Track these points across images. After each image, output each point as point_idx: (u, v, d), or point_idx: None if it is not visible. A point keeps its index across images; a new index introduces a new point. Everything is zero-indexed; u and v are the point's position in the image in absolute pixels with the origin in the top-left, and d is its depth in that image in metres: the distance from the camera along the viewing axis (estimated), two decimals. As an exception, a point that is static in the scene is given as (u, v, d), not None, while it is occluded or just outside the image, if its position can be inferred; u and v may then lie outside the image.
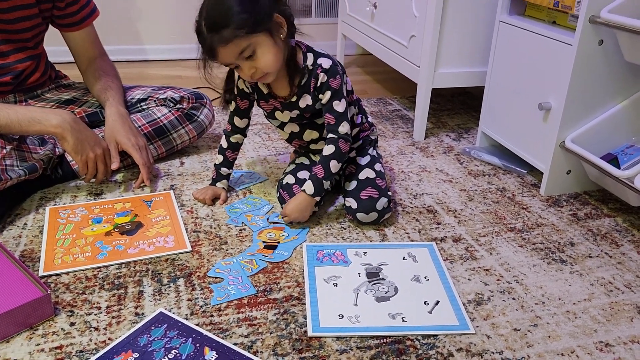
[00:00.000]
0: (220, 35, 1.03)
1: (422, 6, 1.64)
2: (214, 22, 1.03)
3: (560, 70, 1.29)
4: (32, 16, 1.33)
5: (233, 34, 1.02)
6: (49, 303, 0.92)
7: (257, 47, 1.06)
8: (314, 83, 1.16)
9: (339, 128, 1.17)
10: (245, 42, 1.04)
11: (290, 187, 1.25)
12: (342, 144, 1.17)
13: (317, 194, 1.18)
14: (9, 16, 1.28)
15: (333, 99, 1.16)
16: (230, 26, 1.02)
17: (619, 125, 1.32)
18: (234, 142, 1.31)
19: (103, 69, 1.47)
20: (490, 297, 1.02)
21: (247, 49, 1.05)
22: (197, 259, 1.10)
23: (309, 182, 1.18)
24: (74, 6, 1.39)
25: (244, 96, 1.26)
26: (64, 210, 1.25)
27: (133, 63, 2.56)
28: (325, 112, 1.17)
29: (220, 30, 1.02)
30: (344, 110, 1.17)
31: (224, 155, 1.31)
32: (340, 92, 1.16)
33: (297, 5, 2.70)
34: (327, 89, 1.15)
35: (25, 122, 1.19)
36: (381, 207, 1.20)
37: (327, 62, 1.15)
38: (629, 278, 1.08)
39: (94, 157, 1.28)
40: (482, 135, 1.67)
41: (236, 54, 1.06)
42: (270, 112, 1.26)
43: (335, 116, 1.16)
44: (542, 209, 1.34)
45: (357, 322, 0.94)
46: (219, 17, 1.02)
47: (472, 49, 1.66)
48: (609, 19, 1.15)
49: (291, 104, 1.20)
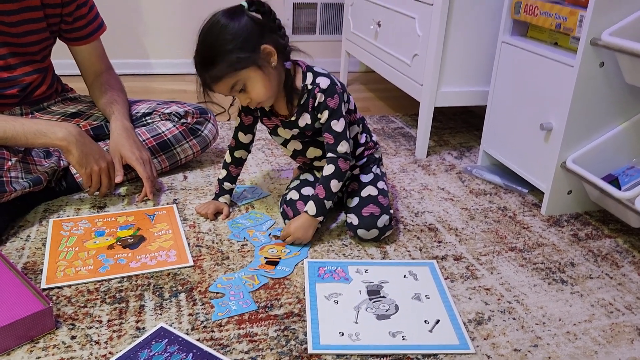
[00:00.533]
0: (210, 74, 1.08)
1: (425, 26, 1.66)
2: (203, 60, 1.09)
3: (561, 91, 1.31)
4: (40, 30, 1.35)
5: (221, 72, 1.07)
6: (51, 316, 0.92)
7: (246, 81, 1.09)
8: (312, 103, 1.17)
9: (337, 147, 1.17)
10: (234, 79, 1.08)
11: (294, 203, 1.26)
12: (342, 163, 1.18)
13: (319, 214, 1.18)
14: (17, 30, 1.30)
15: (331, 118, 1.17)
16: (218, 65, 1.06)
17: (620, 146, 1.33)
18: (237, 157, 1.32)
19: (109, 82, 1.49)
20: (490, 316, 1.02)
21: (237, 84, 1.10)
22: (199, 273, 1.10)
23: (311, 203, 1.18)
24: (81, 21, 1.42)
25: (248, 112, 1.28)
26: (67, 223, 1.25)
27: (138, 77, 2.58)
28: (324, 132, 1.18)
29: (209, 68, 1.08)
30: (343, 130, 1.17)
31: (228, 170, 1.33)
32: (338, 112, 1.17)
33: (302, 22, 2.73)
34: (325, 108, 1.16)
35: (31, 135, 1.21)
36: (382, 224, 1.20)
37: (325, 82, 1.17)
38: (630, 299, 1.09)
39: (98, 170, 1.29)
40: (483, 154, 1.68)
41: (228, 89, 1.10)
42: (273, 129, 1.28)
43: (334, 135, 1.17)
44: (543, 229, 1.34)
45: (358, 339, 0.94)
46: (207, 55, 1.08)
47: (474, 69, 1.68)
48: (609, 41, 1.17)
49: (291, 123, 1.22)
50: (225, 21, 1.07)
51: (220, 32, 1.06)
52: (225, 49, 1.05)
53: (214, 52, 1.06)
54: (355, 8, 2.27)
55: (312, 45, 2.76)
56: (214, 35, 1.07)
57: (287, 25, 1.21)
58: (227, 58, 1.06)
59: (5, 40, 1.29)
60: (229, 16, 1.07)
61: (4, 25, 1.27)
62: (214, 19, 1.08)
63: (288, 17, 2.67)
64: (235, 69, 1.07)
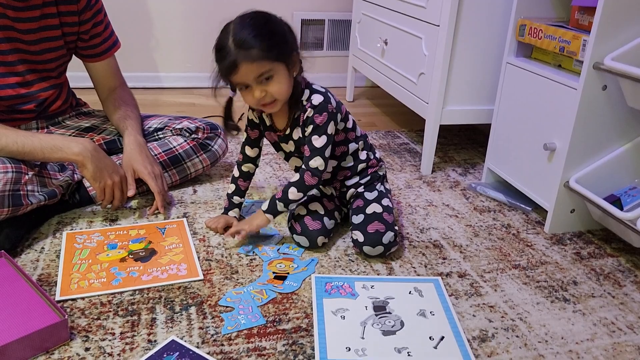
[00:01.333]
0: (248, 52, 1.09)
1: (432, 45, 1.70)
2: (244, 40, 1.09)
3: (565, 112, 1.34)
4: (58, 48, 1.38)
5: (261, 54, 1.09)
6: (66, 328, 0.95)
7: (275, 73, 1.13)
8: (302, 117, 1.22)
9: (310, 161, 1.21)
10: (268, 65, 1.11)
11: (302, 218, 1.28)
12: (308, 176, 1.21)
13: (269, 211, 1.24)
14: (35, 48, 1.34)
15: (313, 133, 1.21)
16: (259, 47, 1.09)
17: (623, 167, 1.36)
18: (245, 171, 1.36)
19: (123, 98, 1.53)
20: (494, 334, 1.04)
21: (267, 72, 1.12)
22: (209, 287, 1.13)
23: (266, 201, 1.26)
24: (97, 38, 1.46)
25: (253, 126, 1.32)
26: (81, 236, 1.28)
27: (148, 90, 2.62)
28: (306, 144, 1.22)
29: (249, 48, 1.09)
30: (321, 147, 1.20)
31: (236, 184, 1.36)
32: (322, 129, 1.20)
33: (310, 38, 2.77)
34: (311, 123, 1.21)
35: (47, 150, 1.24)
36: (387, 240, 1.23)
37: (318, 99, 1.20)
38: (632, 319, 1.10)
39: (112, 185, 1.32)
40: (488, 172, 1.71)
41: (256, 75, 1.12)
42: (274, 144, 1.34)
43: (311, 149, 1.21)
44: (546, 247, 1.36)
45: (364, 355, 0.96)
46: (250, 37, 1.09)
47: (479, 88, 1.71)
48: (612, 66, 1.20)
49: (286, 137, 1.28)
50: (271, 15, 1.14)
51: (269, 21, 1.12)
52: (270, 37, 1.10)
53: (259, 36, 1.09)
54: (363, 25, 2.31)
55: (319, 61, 2.81)
56: (262, 20, 1.12)
57: None
58: (271, 44, 1.10)
59: (24, 57, 1.33)
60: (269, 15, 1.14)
61: (23, 43, 1.31)
62: (257, 12, 1.13)
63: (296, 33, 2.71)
64: (273, 58, 1.11)
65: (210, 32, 1.15)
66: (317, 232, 1.26)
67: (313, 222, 1.27)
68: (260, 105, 1.18)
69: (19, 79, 1.33)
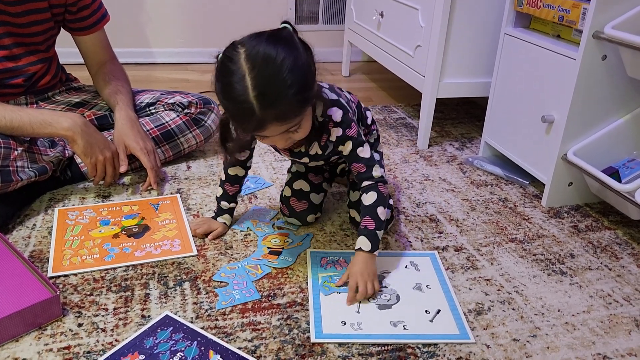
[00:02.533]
0: (277, 112, 0.89)
1: (428, 17, 1.66)
2: (270, 99, 0.88)
3: (563, 83, 1.31)
4: (45, 20, 1.35)
5: (293, 112, 0.91)
6: (58, 304, 0.94)
7: (303, 120, 0.96)
8: (326, 138, 1.07)
9: (372, 173, 1.08)
10: (299, 119, 0.94)
11: (288, 200, 1.24)
12: (382, 187, 1.08)
13: (374, 248, 1.05)
14: (22, 20, 1.30)
15: (355, 147, 1.07)
16: (289, 106, 0.90)
17: (621, 139, 1.34)
18: (232, 174, 1.19)
19: (113, 72, 1.50)
20: (490, 307, 1.03)
21: (297, 124, 0.95)
22: (203, 263, 1.12)
23: (362, 239, 1.05)
24: (85, 11, 1.42)
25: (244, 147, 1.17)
26: (73, 212, 1.27)
27: (141, 66, 2.58)
28: (352, 162, 1.09)
29: (277, 106, 0.89)
30: (371, 155, 1.09)
31: (223, 188, 1.21)
32: (358, 138, 1.07)
33: (305, 11, 2.72)
34: (347, 139, 1.06)
35: (37, 125, 1.22)
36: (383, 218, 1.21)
37: (338, 114, 1.05)
38: (628, 291, 1.10)
39: (103, 160, 1.30)
40: (485, 145, 1.69)
41: (286, 129, 0.94)
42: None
43: (365, 163, 1.08)
44: (543, 220, 1.35)
45: (360, 329, 0.95)
46: (275, 93, 0.88)
47: (477, 60, 1.68)
48: (612, 35, 1.17)
49: (300, 153, 1.12)
50: (287, 53, 0.88)
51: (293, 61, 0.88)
52: (298, 87, 0.89)
53: (285, 89, 0.88)
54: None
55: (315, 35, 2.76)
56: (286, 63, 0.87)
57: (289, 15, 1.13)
58: (301, 98, 0.90)
59: (10, 30, 1.30)
60: (286, 44, 0.90)
61: (8, 15, 1.27)
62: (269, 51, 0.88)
63: (290, 7, 2.66)
64: (304, 108, 0.94)
65: (203, 7, 1.10)
66: (305, 212, 1.23)
67: (299, 202, 1.23)
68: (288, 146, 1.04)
69: (5, 52, 1.30)
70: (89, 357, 0.87)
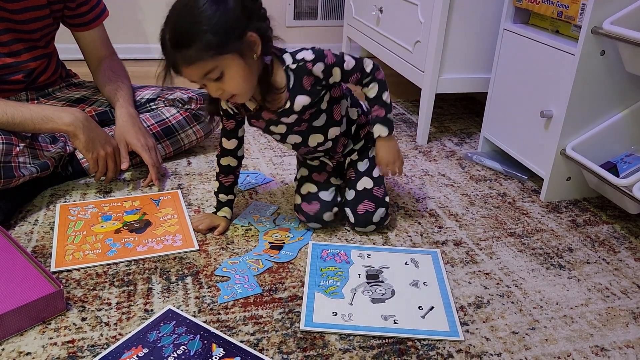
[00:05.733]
0: (183, 55, 0.92)
1: (427, 12, 1.67)
2: (178, 39, 0.92)
3: (562, 79, 1.32)
4: (44, 17, 1.35)
5: (198, 55, 0.92)
6: (62, 298, 0.95)
7: (225, 69, 0.95)
8: (311, 80, 1.07)
9: (364, 68, 1.11)
10: (211, 65, 0.94)
11: (301, 207, 1.23)
12: (379, 75, 1.13)
13: (391, 130, 1.14)
14: (20, 17, 1.30)
15: (342, 67, 1.09)
16: (195, 46, 0.91)
17: (619, 134, 1.35)
18: (224, 165, 1.19)
19: (113, 68, 1.50)
20: (489, 300, 1.04)
21: (214, 71, 0.95)
22: (205, 257, 1.13)
23: (378, 127, 1.14)
24: (84, 6, 1.42)
25: (229, 116, 1.15)
26: (74, 208, 1.27)
27: (139, 62, 2.58)
28: (346, 78, 1.11)
29: (183, 49, 0.92)
30: (355, 59, 1.11)
31: (219, 180, 1.21)
32: (339, 55, 1.08)
33: (304, 7, 2.72)
34: (331, 67, 1.07)
35: (38, 120, 1.22)
36: (378, 218, 1.21)
37: (308, 53, 1.06)
38: (626, 284, 1.11)
39: (105, 155, 1.31)
40: (484, 141, 1.70)
41: (201, 75, 0.96)
42: (265, 129, 1.16)
43: (354, 67, 1.10)
44: (542, 215, 1.36)
45: (350, 320, 0.96)
46: (184, 33, 0.92)
47: (476, 56, 1.69)
48: (610, 30, 1.18)
49: (286, 111, 1.10)
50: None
51: (205, 7, 0.91)
52: (208, 29, 0.91)
53: (193, 30, 0.91)
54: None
55: (314, 30, 2.77)
56: (196, 9, 0.91)
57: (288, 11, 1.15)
58: (209, 40, 0.91)
59: (9, 26, 1.30)
60: None
61: (7, 12, 1.28)
62: None
63: (289, 2, 2.66)
64: (215, 54, 0.93)
65: None
66: (319, 213, 1.21)
67: (310, 205, 1.22)
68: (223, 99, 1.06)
69: (5, 49, 1.30)
70: (93, 351, 0.88)
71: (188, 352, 0.87)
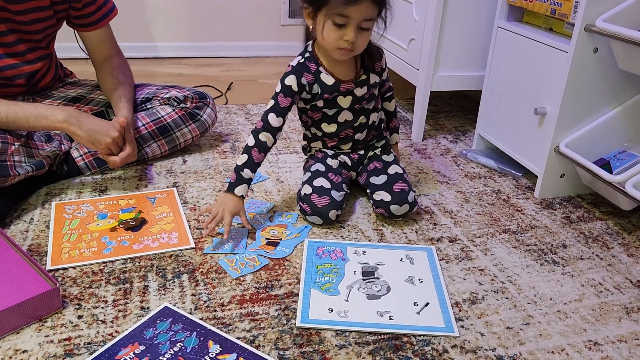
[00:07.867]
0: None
1: (422, 10, 1.67)
2: None
3: (555, 76, 1.33)
4: (46, 18, 1.33)
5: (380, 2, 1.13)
6: (58, 296, 0.95)
7: (372, 26, 1.15)
8: (380, 65, 1.29)
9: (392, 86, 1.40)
10: (375, 14, 1.13)
11: (309, 197, 1.24)
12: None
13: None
14: (23, 18, 1.28)
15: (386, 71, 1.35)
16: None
17: (612, 131, 1.36)
18: (262, 140, 1.20)
19: (120, 68, 1.48)
20: (484, 296, 1.05)
21: (370, 21, 1.14)
22: (201, 255, 1.13)
23: (395, 135, 1.45)
24: (90, 7, 1.39)
25: (288, 94, 1.21)
26: (70, 206, 1.27)
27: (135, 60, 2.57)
28: (384, 83, 1.36)
29: None
30: None
31: (249, 154, 1.19)
32: None
33: (297, 4, 2.72)
34: (386, 66, 1.34)
35: (32, 118, 1.22)
36: (412, 199, 1.25)
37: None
38: (619, 280, 1.12)
39: (112, 140, 1.28)
40: (478, 138, 1.71)
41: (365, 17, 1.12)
42: (331, 100, 1.25)
43: (388, 80, 1.38)
44: (536, 212, 1.37)
45: (345, 316, 0.97)
46: None
47: (470, 54, 1.69)
48: (603, 28, 1.19)
49: (362, 82, 1.27)
50: None
51: None
52: None
53: None
54: (352, -8, 2.26)
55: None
56: None
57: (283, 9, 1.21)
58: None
59: (13, 27, 1.28)
60: None
61: (10, 13, 1.26)
62: None
63: (284, 0, 2.66)
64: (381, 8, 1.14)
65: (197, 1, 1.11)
66: (327, 208, 1.22)
67: (320, 198, 1.22)
68: (336, 49, 1.16)
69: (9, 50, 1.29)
70: (89, 349, 0.88)
71: (184, 349, 0.87)
